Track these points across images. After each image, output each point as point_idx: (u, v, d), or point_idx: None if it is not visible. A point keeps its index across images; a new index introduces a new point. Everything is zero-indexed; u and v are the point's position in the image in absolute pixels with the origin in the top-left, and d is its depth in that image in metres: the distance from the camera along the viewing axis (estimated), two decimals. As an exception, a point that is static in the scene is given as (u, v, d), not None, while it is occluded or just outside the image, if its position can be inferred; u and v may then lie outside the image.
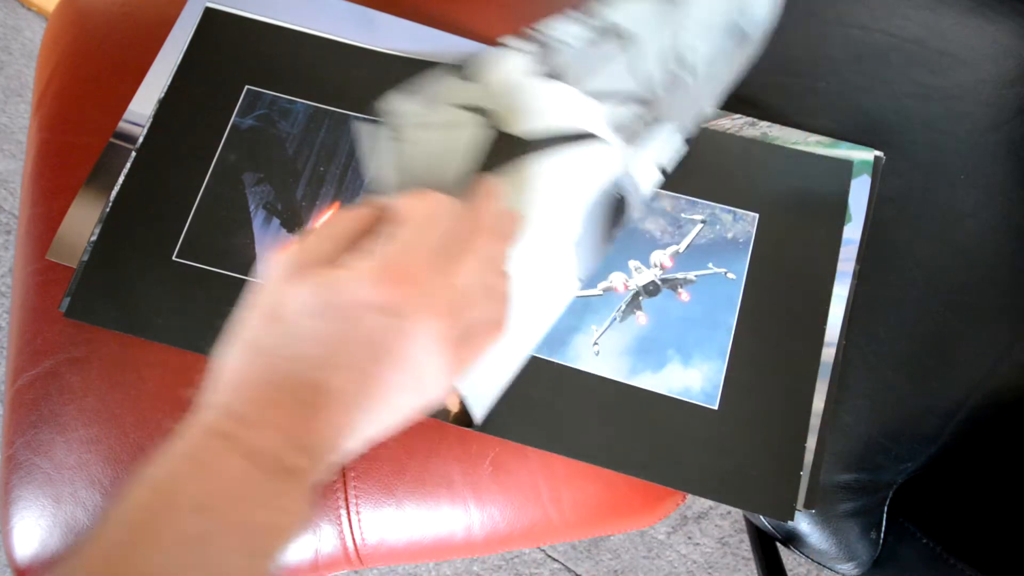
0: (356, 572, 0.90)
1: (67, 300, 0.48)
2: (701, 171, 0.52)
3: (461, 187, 0.41)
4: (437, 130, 0.44)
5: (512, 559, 0.96)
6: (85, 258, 0.49)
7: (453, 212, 0.36)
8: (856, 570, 0.50)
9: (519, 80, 0.46)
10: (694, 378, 0.48)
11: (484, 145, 0.44)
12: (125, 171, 0.50)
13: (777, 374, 0.48)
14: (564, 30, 0.47)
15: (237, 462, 0.28)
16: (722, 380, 0.48)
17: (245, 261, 0.49)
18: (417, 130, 0.45)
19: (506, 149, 0.44)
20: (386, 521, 0.48)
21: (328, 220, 0.35)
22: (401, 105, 0.46)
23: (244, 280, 0.49)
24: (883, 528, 0.49)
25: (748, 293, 0.49)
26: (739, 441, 0.47)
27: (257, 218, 0.50)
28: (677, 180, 0.51)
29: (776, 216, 0.51)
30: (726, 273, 0.50)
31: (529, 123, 0.45)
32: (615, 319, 0.49)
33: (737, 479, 0.46)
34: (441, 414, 0.47)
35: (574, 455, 0.47)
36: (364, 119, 0.51)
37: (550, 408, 0.47)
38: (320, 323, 0.31)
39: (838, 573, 0.51)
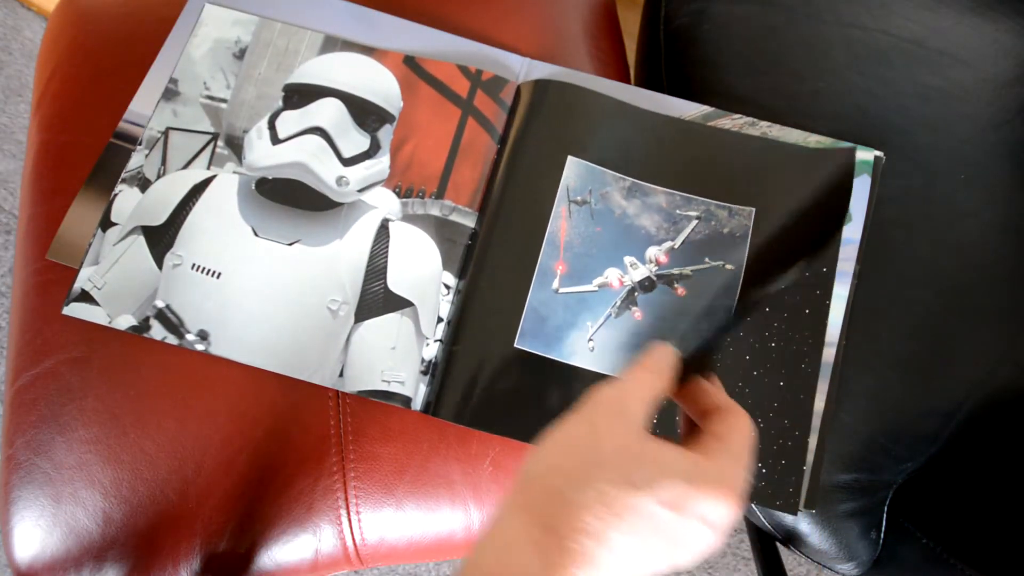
0: (356, 572, 0.90)
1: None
2: (696, 167, 0.52)
3: None
4: None
5: (512, 559, 0.95)
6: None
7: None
8: (856, 570, 0.50)
9: None
10: None
11: None
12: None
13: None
14: None
15: None
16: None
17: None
18: None
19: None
20: (386, 521, 0.48)
21: (651, 371, 0.36)
22: None
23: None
24: (883, 528, 0.49)
25: (746, 286, 0.49)
26: None
27: None
28: (672, 176, 0.51)
29: (774, 211, 0.51)
30: (724, 264, 0.50)
31: None
32: (610, 315, 0.49)
33: None
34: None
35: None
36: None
37: (545, 405, 0.47)
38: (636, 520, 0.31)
39: (838, 573, 0.51)
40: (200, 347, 0.48)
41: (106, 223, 0.50)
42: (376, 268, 0.50)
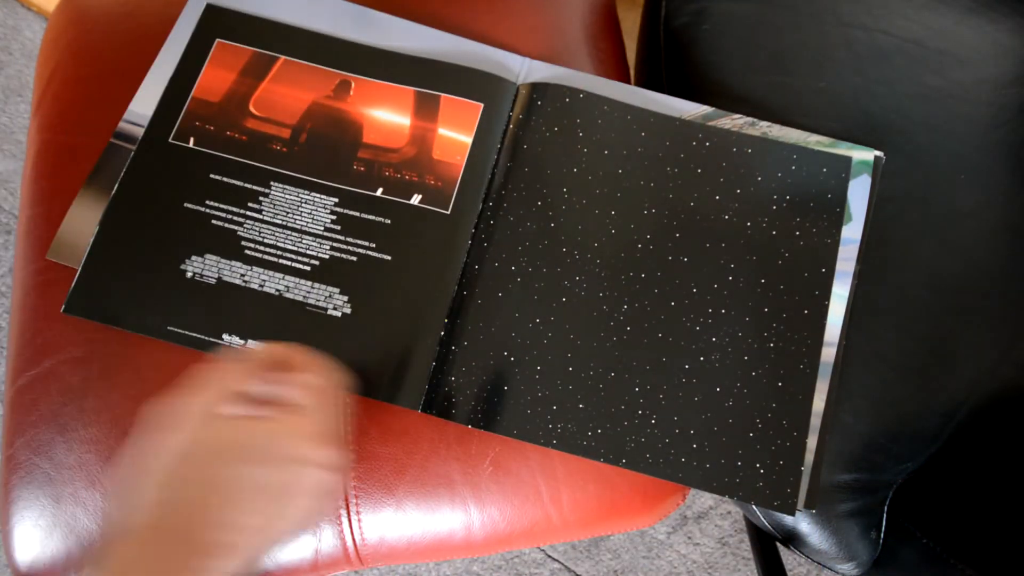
0: (356, 572, 0.90)
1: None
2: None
3: None
4: None
5: (512, 559, 0.96)
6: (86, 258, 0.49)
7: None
8: (856, 570, 0.50)
9: None
10: None
11: None
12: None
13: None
14: None
15: None
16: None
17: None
18: None
19: None
20: (386, 521, 0.48)
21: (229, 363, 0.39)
22: None
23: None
24: (883, 528, 0.49)
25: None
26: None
27: None
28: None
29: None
30: None
31: None
32: None
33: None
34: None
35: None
36: None
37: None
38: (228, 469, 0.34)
39: (838, 573, 0.51)
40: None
41: (106, 223, 0.50)
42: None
